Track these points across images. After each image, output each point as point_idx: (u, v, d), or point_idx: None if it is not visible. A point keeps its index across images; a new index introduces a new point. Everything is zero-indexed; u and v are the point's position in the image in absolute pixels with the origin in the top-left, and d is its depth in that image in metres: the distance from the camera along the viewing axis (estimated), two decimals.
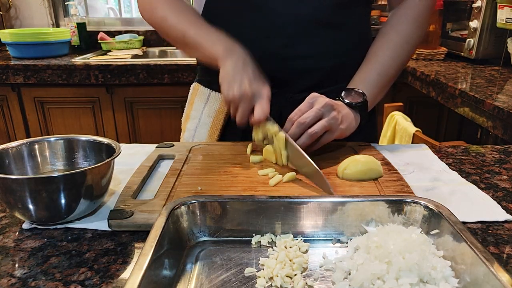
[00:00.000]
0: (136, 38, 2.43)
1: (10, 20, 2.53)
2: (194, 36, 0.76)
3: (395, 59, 0.81)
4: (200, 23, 0.80)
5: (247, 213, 0.52)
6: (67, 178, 0.51)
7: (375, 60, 0.81)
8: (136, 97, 2.02)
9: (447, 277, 0.42)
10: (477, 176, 0.71)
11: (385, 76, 0.81)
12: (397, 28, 0.83)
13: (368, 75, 0.80)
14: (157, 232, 0.44)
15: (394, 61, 0.81)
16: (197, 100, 0.93)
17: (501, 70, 1.78)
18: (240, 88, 0.68)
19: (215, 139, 0.89)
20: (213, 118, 0.89)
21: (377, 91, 0.80)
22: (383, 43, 0.83)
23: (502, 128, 1.23)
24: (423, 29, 0.84)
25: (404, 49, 0.82)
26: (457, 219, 0.47)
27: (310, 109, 0.70)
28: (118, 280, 0.45)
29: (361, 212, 0.52)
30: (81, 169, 0.53)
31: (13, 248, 0.50)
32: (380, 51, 0.82)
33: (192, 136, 0.93)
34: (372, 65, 0.81)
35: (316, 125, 0.69)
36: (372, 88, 0.78)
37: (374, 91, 0.79)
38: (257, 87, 0.69)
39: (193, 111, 0.94)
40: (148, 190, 0.65)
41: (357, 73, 0.81)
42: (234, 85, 0.68)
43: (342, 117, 0.72)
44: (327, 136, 0.71)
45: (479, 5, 1.82)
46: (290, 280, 0.44)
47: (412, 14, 0.83)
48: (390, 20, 0.85)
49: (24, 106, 2.03)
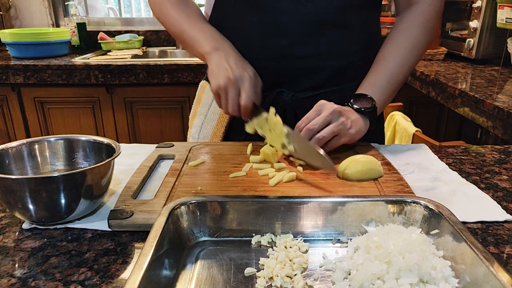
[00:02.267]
0: (136, 38, 2.43)
1: (10, 20, 2.53)
2: (188, 33, 0.81)
3: (404, 65, 0.81)
4: (196, 21, 0.82)
5: (247, 213, 0.52)
6: (67, 178, 0.51)
7: (384, 65, 0.81)
8: (136, 97, 2.03)
9: (447, 277, 0.42)
10: (477, 176, 0.71)
11: (394, 82, 0.81)
12: (406, 33, 0.83)
13: (377, 80, 0.80)
14: (157, 232, 0.44)
15: (403, 67, 0.81)
16: (204, 97, 0.94)
17: (501, 70, 1.78)
18: (224, 76, 0.72)
19: (220, 136, 0.90)
20: (218, 115, 0.90)
21: (386, 97, 0.80)
22: (392, 48, 0.83)
23: (502, 128, 1.23)
24: (431, 34, 0.84)
25: (413, 54, 0.82)
26: (457, 219, 0.47)
27: (318, 116, 0.71)
28: (118, 280, 0.45)
29: (361, 212, 0.52)
30: (81, 169, 0.52)
31: (13, 248, 0.50)
32: (390, 57, 0.82)
33: (198, 132, 0.94)
34: (382, 70, 0.81)
35: (324, 130, 0.70)
36: (381, 94, 0.79)
37: (383, 97, 0.79)
38: (240, 72, 0.73)
39: (200, 108, 0.95)
40: (148, 190, 0.65)
41: (366, 78, 0.82)
42: (219, 76, 0.73)
43: (352, 122, 0.73)
44: (336, 140, 0.72)
45: (479, 5, 1.82)
46: (290, 280, 0.44)
47: (421, 19, 0.82)
48: (398, 25, 0.85)
49: (24, 106, 2.03)
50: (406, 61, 0.81)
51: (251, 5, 0.80)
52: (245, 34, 0.82)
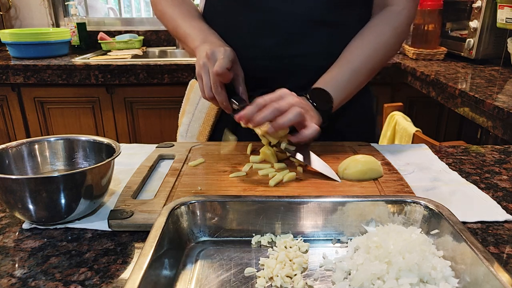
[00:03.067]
0: (136, 38, 2.43)
1: (10, 20, 2.53)
2: (182, 29, 0.83)
3: (368, 62, 0.79)
4: (189, 18, 0.83)
5: (247, 213, 0.52)
6: (67, 178, 0.51)
7: (348, 60, 0.79)
8: (136, 97, 2.02)
9: (447, 277, 0.42)
10: (477, 176, 0.71)
11: (355, 81, 0.78)
12: (376, 31, 0.81)
13: (339, 76, 0.77)
14: (157, 232, 0.44)
15: (367, 64, 0.79)
16: (193, 95, 0.95)
17: (501, 70, 1.78)
18: (202, 57, 0.72)
19: (206, 135, 0.90)
20: (205, 114, 0.90)
21: (344, 96, 0.78)
22: (358, 44, 0.80)
23: (502, 128, 1.23)
24: (400, 39, 0.83)
25: (378, 53, 0.80)
26: (457, 219, 0.47)
27: (281, 100, 0.67)
28: (118, 280, 0.45)
29: (361, 212, 0.52)
30: (81, 169, 0.53)
31: (13, 248, 0.50)
32: (355, 52, 0.79)
33: (186, 130, 0.94)
34: (345, 66, 0.78)
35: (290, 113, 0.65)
36: (340, 93, 0.76)
37: (342, 96, 0.77)
38: (216, 47, 0.72)
39: (188, 106, 0.96)
40: (148, 190, 0.65)
41: (329, 71, 0.78)
42: (199, 59, 0.73)
43: (310, 118, 0.70)
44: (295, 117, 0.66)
45: (479, 5, 1.82)
46: (290, 280, 0.44)
47: (392, 22, 0.82)
48: (369, 24, 0.83)
49: (24, 106, 2.03)
50: (371, 59, 0.79)
51: (240, 3, 0.80)
52: (234, 33, 0.81)
